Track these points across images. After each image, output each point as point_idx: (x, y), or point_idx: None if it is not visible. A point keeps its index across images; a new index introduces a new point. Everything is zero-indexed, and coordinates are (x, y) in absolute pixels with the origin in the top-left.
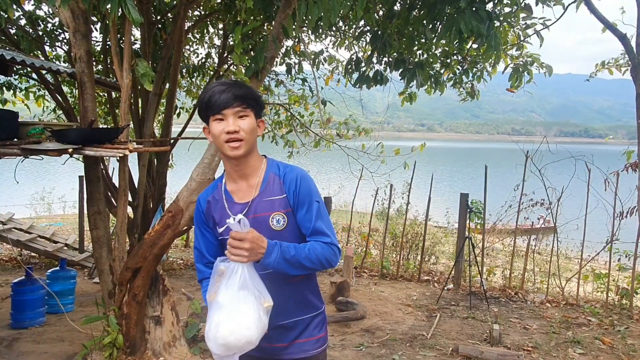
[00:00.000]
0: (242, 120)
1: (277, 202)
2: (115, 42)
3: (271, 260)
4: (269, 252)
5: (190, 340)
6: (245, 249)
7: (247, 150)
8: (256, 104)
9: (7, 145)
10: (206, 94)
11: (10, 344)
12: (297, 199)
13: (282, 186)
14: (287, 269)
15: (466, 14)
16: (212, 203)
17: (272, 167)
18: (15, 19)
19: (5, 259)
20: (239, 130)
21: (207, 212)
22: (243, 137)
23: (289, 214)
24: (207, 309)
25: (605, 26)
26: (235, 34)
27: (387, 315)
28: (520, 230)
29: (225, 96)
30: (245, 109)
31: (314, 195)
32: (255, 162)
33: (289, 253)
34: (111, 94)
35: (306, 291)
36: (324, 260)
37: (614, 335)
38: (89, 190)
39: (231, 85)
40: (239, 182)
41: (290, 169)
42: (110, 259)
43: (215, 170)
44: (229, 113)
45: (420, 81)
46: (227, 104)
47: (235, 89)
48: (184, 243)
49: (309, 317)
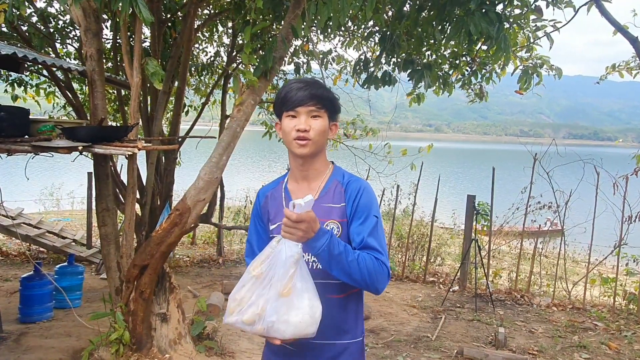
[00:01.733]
0: (314, 120)
1: (334, 210)
2: (126, 40)
3: (317, 245)
4: (318, 236)
5: (196, 337)
6: (302, 229)
7: (314, 151)
8: (331, 105)
9: (18, 142)
10: (284, 89)
11: (18, 338)
12: (355, 209)
13: (343, 195)
14: (328, 263)
15: (476, 16)
16: (270, 199)
17: (337, 174)
18: (27, 16)
19: (14, 254)
20: (309, 130)
21: (264, 206)
22: (312, 137)
23: (344, 224)
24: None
25: (617, 29)
26: (245, 34)
27: (392, 316)
28: (527, 233)
29: (301, 94)
30: (319, 109)
31: (373, 210)
32: (320, 165)
33: (337, 248)
34: (120, 92)
35: (348, 312)
36: (370, 273)
37: (621, 340)
38: (98, 187)
39: (310, 84)
40: (300, 183)
41: (355, 179)
42: (118, 255)
43: (222, 170)
44: (302, 111)
45: (428, 82)
46: (301, 101)
47: (313, 88)
48: (190, 241)
49: (342, 343)
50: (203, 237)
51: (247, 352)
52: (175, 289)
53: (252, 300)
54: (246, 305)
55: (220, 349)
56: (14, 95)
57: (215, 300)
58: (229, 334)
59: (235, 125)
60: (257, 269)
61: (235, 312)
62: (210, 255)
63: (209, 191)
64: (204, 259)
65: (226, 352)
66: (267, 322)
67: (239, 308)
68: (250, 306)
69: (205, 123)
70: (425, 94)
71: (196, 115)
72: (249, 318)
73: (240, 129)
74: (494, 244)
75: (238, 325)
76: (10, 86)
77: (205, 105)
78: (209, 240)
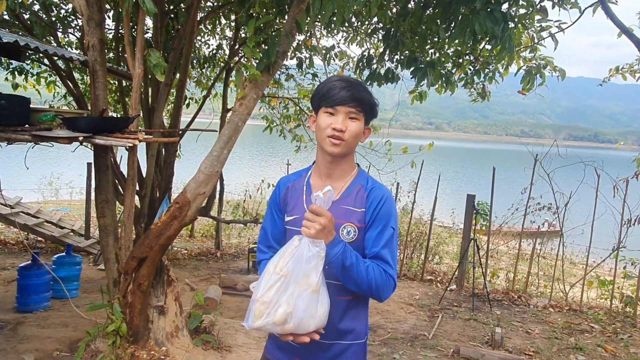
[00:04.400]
0: (352, 122)
1: (354, 214)
2: (128, 31)
3: (332, 252)
4: (333, 243)
5: (193, 331)
6: (320, 224)
7: (346, 152)
8: (370, 110)
9: (18, 130)
10: (326, 84)
11: (14, 327)
12: (375, 217)
13: (364, 200)
14: (340, 271)
15: (481, 15)
16: (290, 190)
17: (361, 178)
18: (29, 4)
19: (12, 242)
20: (345, 131)
21: (284, 197)
22: (346, 138)
23: (362, 229)
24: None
25: (622, 31)
26: (249, 28)
27: (389, 313)
28: (526, 234)
29: (344, 93)
30: (358, 112)
31: (392, 221)
32: (347, 166)
33: (350, 258)
34: (121, 82)
35: (353, 313)
36: (375, 286)
37: (617, 343)
38: (98, 178)
39: (354, 84)
40: (324, 180)
41: (379, 186)
42: (117, 247)
43: (223, 164)
44: (341, 110)
45: (431, 80)
46: (343, 101)
47: (356, 90)
48: (188, 233)
49: (345, 343)
50: (201, 230)
51: (244, 347)
52: (173, 282)
53: (282, 299)
54: (275, 306)
55: (217, 342)
56: (14, 83)
57: (212, 293)
58: (225, 328)
59: (237, 119)
60: (284, 268)
61: (264, 314)
62: (208, 249)
63: (209, 185)
64: (201, 252)
65: (223, 346)
66: (298, 318)
67: (268, 310)
68: (280, 306)
69: (206, 116)
70: (428, 92)
71: (197, 108)
72: (280, 317)
73: (242, 123)
74: (493, 244)
75: (267, 327)
76: (11, 74)
77: (207, 98)
78: (207, 234)
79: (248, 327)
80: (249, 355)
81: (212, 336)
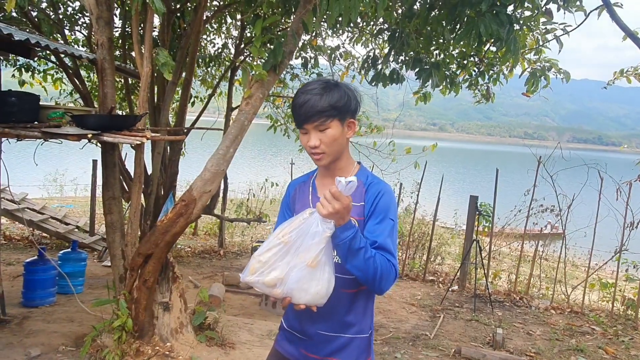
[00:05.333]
0: (323, 134)
1: (353, 208)
2: (136, 29)
3: (343, 235)
4: (346, 227)
5: (197, 327)
6: (334, 208)
7: (331, 160)
8: (338, 112)
9: (28, 127)
10: (293, 101)
11: (21, 322)
12: (373, 209)
13: (363, 195)
14: (346, 256)
15: (486, 18)
16: (298, 191)
17: (362, 174)
18: (37, 1)
19: (17, 238)
20: (319, 145)
21: (293, 198)
22: (324, 150)
23: (361, 222)
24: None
25: (627, 35)
26: (255, 28)
27: (391, 313)
28: (528, 235)
29: (304, 110)
30: (324, 122)
31: (391, 213)
32: (344, 164)
33: (359, 243)
34: (128, 80)
35: (356, 306)
36: (382, 274)
37: (618, 345)
38: (105, 175)
39: (313, 94)
40: (327, 179)
41: (378, 181)
42: (123, 244)
43: (229, 162)
44: (309, 127)
45: (436, 81)
46: (305, 120)
47: (315, 102)
48: (192, 231)
49: (348, 336)
50: (205, 228)
51: (247, 344)
52: (178, 278)
53: (277, 264)
54: (269, 268)
55: (220, 339)
56: (21, 80)
57: (216, 291)
58: (229, 325)
59: (243, 119)
60: (287, 235)
61: (257, 272)
62: (211, 247)
63: (215, 183)
64: (205, 250)
65: (226, 343)
66: (288, 287)
67: (262, 270)
68: (274, 270)
69: (210, 114)
70: (432, 93)
71: (202, 107)
72: (271, 280)
73: (248, 122)
74: (495, 245)
75: (257, 285)
76: (18, 71)
77: (212, 97)
78: (210, 232)
79: (242, 279)
80: (252, 352)
81: (216, 333)
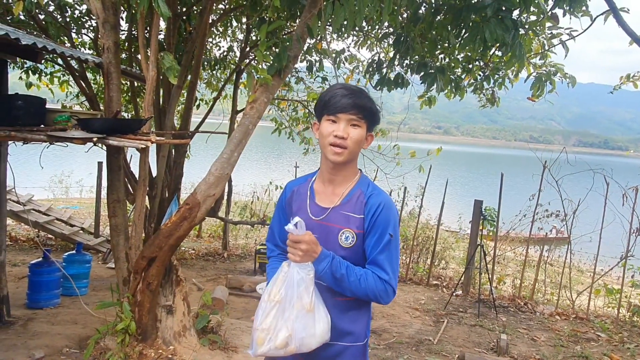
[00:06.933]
0: (353, 129)
1: (352, 220)
2: (142, 33)
3: (319, 268)
4: (319, 260)
5: (200, 331)
6: (301, 250)
7: (347, 159)
8: (372, 117)
9: (34, 130)
10: (328, 93)
11: (25, 324)
12: (373, 224)
13: (363, 207)
14: (332, 283)
15: (492, 23)
16: (295, 194)
17: (363, 184)
18: (45, 5)
19: (23, 239)
20: (347, 138)
21: (289, 200)
22: (348, 145)
23: (360, 235)
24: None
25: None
26: (261, 32)
27: (395, 317)
28: (533, 240)
29: (345, 101)
30: (359, 119)
31: (390, 227)
32: (349, 173)
33: (338, 270)
34: (133, 84)
35: (352, 314)
36: (371, 293)
37: (624, 352)
38: (110, 178)
39: (355, 92)
40: (326, 185)
41: (378, 193)
42: (127, 246)
43: (233, 166)
44: (343, 118)
45: (441, 85)
46: (344, 108)
47: (357, 97)
48: (196, 234)
49: (343, 344)
50: (209, 230)
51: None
52: (182, 281)
53: (280, 324)
54: (275, 331)
55: (223, 343)
56: (28, 82)
57: (219, 294)
58: (232, 329)
59: (247, 122)
60: (277, 295)
61: (265, 341)
62: (215, 249)
63: (219, 186)
64: (209, 253)
65: (229, 347)
66: (298, 338)
67: (269, 336)
68: (280, 330)
69: (215, 117)
70: (437, 96)
71: (207, 109)
72: (282, 342)
73: (252, 126)
74: (500, 250)
75: (271, 352)
76: (25, 74)
77: (217, 100)
78: (214, 234)
79: (252, 355)
80: None
81: (219, 336)
